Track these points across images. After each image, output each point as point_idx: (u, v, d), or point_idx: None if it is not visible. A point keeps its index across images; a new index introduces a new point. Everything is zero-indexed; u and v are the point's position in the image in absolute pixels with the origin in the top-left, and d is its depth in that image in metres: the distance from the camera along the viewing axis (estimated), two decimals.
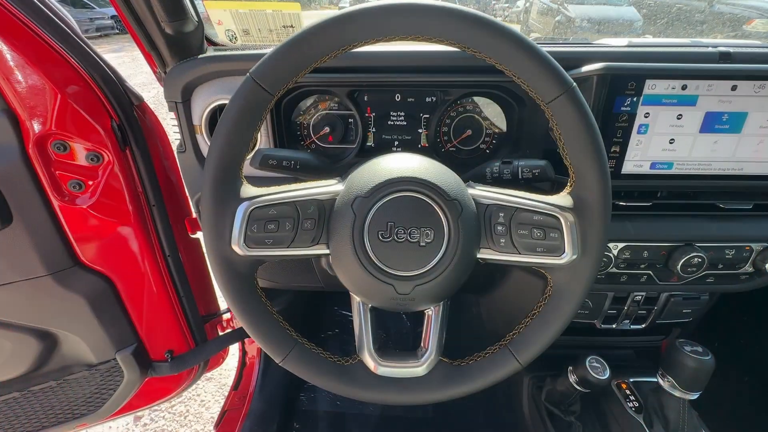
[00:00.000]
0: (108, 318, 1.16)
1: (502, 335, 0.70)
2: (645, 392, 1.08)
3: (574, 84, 0.59)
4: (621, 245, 0.91)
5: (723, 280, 0.96)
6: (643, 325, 1.13)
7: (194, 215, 1.09)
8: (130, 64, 7.99)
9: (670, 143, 0.85)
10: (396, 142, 1.02)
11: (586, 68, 0.81)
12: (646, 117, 0.83)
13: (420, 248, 0.61)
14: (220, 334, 1.43)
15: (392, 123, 1.00)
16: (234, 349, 1.62)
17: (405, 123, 1.00)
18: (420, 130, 1.01)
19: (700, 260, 0.89)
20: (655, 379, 1.00)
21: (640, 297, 1.07)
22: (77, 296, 1.08)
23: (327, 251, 0.66)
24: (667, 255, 0.92)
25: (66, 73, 0.94)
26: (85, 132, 0.97)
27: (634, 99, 0.81)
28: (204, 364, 1.42)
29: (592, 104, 0.80)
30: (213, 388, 2.17)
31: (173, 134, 1.03)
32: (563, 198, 0.65)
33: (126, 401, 1.29)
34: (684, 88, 0.80)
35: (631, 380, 1.13)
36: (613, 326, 1.12)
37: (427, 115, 1.00)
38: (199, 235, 1.21)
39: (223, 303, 1.41)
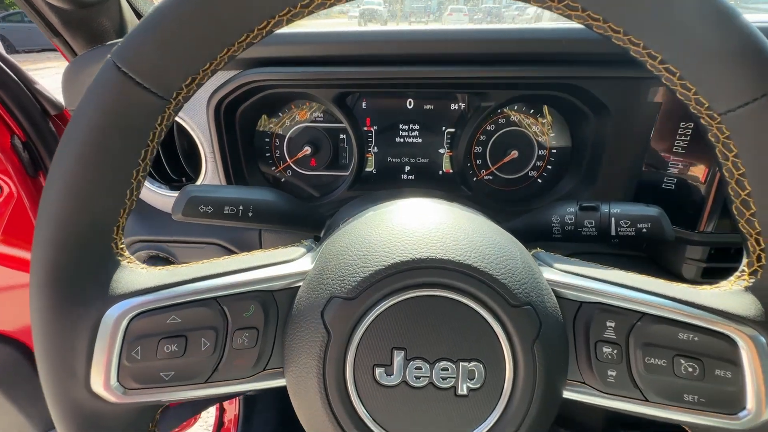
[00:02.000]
0: (25, 396, 0.87)
1: None
2: None
3: None
4: None
5: None
6: None
7: None
8: None
9: None
10: (407, 168, 0.72)
11: None
12: None
13: (458, 400, 0.33)
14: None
15: (402, 140, 0.70)
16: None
17: (420, 140, 0.70)
18: (442, 151, 0.70)
19: None
20: None
21: None
22: None
23: (282, 382, 0.37)
24: None
25: None
26: None
27: None
28: None
29: None
30: None
31: None
32: (738, 297, 0.34)
33: None
34: None
35: None
36: None
37: (453, 129, 0.69)
38: None
39: None
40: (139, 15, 0.71)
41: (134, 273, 0.36)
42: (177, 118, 0.63)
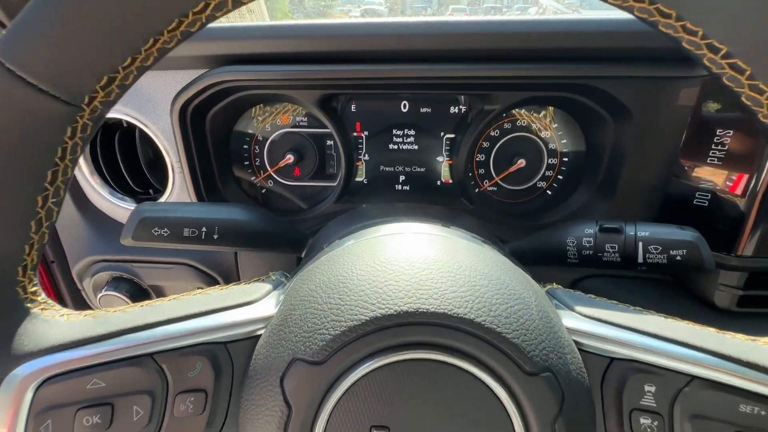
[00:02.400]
0: None
1: None
2: None
3: None
4: None
5: None
6: None
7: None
8: None
9: None
10: (401, 178, 0.64)
11: None
12: None
13: None
14: None
15: (395, 147, 0.63)
16: None
17: (416, 147, 0.63)
18: (440, 159, 0.63)
19: None
20: None
21: None
22: None
23: None
24: None
25: None
26: None
27: None
28: None
29: None
30: None
31: None
32: None
33: None
34: None
35: None
36: None
37: (452, 135, 0.62)
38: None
39: None
40: None
41: (48, 324, 0.28)
42: (137, 123, 0.56)
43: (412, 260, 0.29)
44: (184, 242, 0.43)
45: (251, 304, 0.32)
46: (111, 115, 0.56)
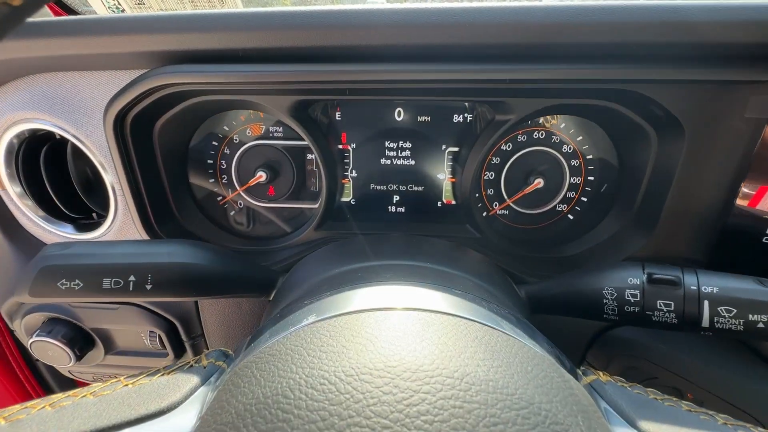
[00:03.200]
0: None
1: None
2: None
3: None
4: None
5: None
6: None
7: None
8: None
9: None
10: (395, 198, 0.54)
11: None
12: None
13: None
14: None
15: (388, 162, 0.53)
16: None
17: (412, 162, 0.53)
18: (441, 176, 0.53)
19: None
20: None
21: None
22: None
23: None
24: None
25: None
26: None
27: None
28: None
29: None
30: None
31: None
32: None
33: None
34: None
35: None
36: None
37: (456, 148, 0.52)
38: None
39: None
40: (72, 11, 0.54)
41: None
42: (68, 135, 0.45)
43: (395, 372, 0.18)
44: (104, 295, 0.33)
45: (161, 415, 0.22)
46: (37, 126, 0.45)
